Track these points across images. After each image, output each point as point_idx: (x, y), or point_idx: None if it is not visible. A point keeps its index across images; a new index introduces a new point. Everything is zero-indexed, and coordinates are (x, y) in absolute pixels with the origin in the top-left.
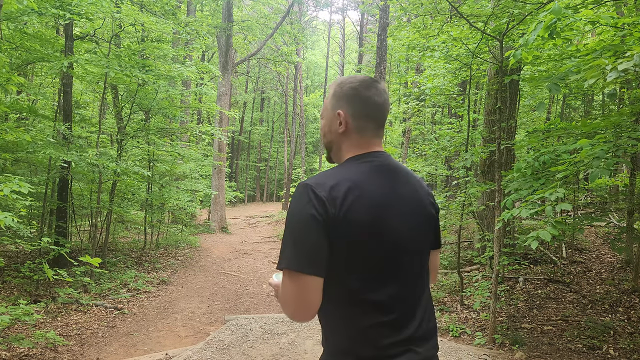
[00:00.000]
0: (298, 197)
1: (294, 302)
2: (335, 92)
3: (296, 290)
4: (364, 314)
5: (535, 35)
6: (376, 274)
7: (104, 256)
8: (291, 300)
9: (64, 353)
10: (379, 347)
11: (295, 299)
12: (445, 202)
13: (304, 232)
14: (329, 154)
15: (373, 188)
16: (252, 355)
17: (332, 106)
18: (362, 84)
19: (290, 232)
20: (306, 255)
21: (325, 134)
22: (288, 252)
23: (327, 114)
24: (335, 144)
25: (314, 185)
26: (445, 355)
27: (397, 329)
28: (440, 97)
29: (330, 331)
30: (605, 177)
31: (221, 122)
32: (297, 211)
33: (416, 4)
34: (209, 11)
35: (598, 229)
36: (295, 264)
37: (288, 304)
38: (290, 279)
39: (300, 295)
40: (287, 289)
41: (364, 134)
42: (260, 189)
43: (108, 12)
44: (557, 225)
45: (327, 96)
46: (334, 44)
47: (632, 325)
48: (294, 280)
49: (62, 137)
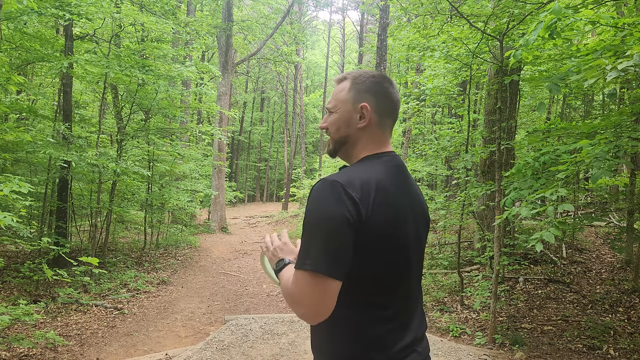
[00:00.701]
0: (327, 194)
1: (311, 304)
2: (355, 85)
3: (317, 293)
4: (380, 319)
5: (535, 35)
6: (392, 278)
7: (104, 256)
8: (308, 302)
9: (64, 353)
10: (394, 352)
11: (313, 302)
12: (445, 202)
13: (335, 233)
14: (338, 149)
15: (395, 190)
16: (252, 355)
17: (352, 99)
18: (384, 78)
19: (318, 232)
20: (335, 258)
21: (340, 128)
22: (315, 253)
23: (344, 107)
24: (351, 139)
25: (345, 185)
26: (445, 355)
27: (406, 332)
28: (440, 97)
29: (337, 337)
30: (606, 178)
31: (221, 122)
32: (327, 209)
33: (416, 4)
34: (209, 11)
35: (598, 229)
36: (324, 267)
37: (303, 304)
38: (314, 281)
39: (319, 299)
40: (306, 291)
41: (385, 131)
42: (260, 189)
43: (108, 13)
44: (560, 225)
45: (341, 89)
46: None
47: (632, 325)
48: (317, 283)
49: (62, 137)
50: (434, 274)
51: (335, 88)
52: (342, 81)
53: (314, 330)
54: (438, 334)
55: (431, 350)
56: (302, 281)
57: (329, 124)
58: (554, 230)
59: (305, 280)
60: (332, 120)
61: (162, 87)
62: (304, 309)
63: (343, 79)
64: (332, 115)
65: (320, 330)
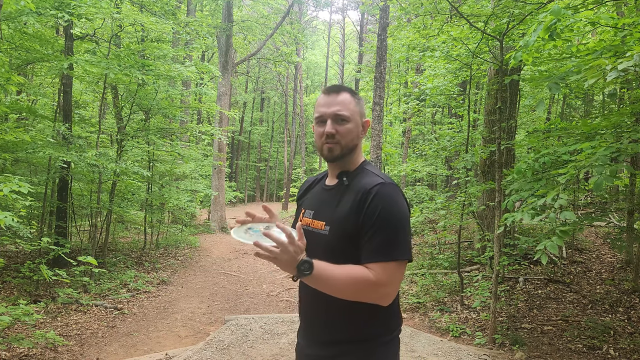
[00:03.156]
0: (399, 195)
1: (396, 286)
2: (358, 100)
3: (401, 276)
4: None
5: (535, 36)
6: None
7: (103, 256)
8: (396, 285)
9: (64, 353)
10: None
11: (397, 284)
12: (445, 202)
13: (409, 226)
14: (345, 155)
15: None
16: (252, 355)
17: (359, 113)
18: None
19: (401, 226)
20: (410, 246)
21: (353, 138)
22: (403, 245)
23: (356, 118)
24: (356, 147)
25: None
26: (445, 355)
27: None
28: (440, 97)
29: (384, 314)
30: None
31: (221, 122)
32: (404, 209)
33: (416, 4)
34: (209, 11)
35: (598, 229)
36: (409, 255)
37: (390, 288)
38: (402, 268)
39: (400, 281)
40: (397, 276)
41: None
42: (260, 189)
43: (107, 13)
44: (563, 235)
45: (348, 101)
46: (334, 44)
47: (632, 325)
48: (402, 268)
49: (61, 138)
50: (434, 274)
51: (337, 97)
52: (341, 92)
53: (351, 318)
54: (438, 333)
55: (431, 350)
56: (394, 269)
57: (345, 132)
58: (556, 240)
59: (397, 268)
60: (347, 129)
61: (162, 87)
62: (391, 291)
63: (341, 90)
64: (346, 125)
65: (359, 314)
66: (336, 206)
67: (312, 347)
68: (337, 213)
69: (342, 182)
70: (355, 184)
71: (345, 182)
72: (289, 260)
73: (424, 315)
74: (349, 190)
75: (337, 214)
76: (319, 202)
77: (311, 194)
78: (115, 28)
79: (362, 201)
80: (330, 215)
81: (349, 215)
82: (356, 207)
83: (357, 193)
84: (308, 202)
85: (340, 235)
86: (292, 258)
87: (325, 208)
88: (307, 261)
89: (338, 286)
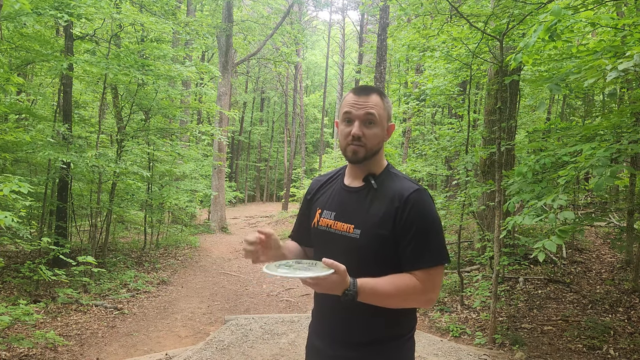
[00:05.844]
0: (432, 200)
1: (439, 289)
2: (386, 104)
3: (442, 280)
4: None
5: (535, 37)
6: None
7: (103, 256)
8: (439, 288)
9: (64, 353)
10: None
11: (440, 287)
12: (445, 202)
13: (443, 231)
14: (369, 158)
15: None
16: (252, 355)
17: (387, 117)
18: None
19: (440, 232)
20: (447, 249)
21: (380, 142)
22: (443, 249)
23: (382, 122)
24: (381, 150)
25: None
26: (445, 355)
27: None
28: (440, 97)
29: (406, 314)
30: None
31: (221, 122)
32: (436, 213)
33: (416, 4)
34: (209, 11)
35: (598, 229)
36: (447, 258)
37: (435, 292)
38: (442, 271)
39: (441, 284)
40: (440, 280)
41: None
42: (260, 189)
43: (107, 13)
44: (562, 235)
45: (376, 103)
46: (334, 44)
47: (632, 325)
48: (443, 272)
49: (61, 138)
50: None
51: (368, 99)
52: (372, 94)
53: (380, 319)
54: (438, 333)
55: (431, 350)
56: (438, 274)
57: (372, 136)
58: (555, 239)
59: (439, 272)
60: (374, 133)
61: (162, 87)
62: (435, 296)
63: (371, 92)
64: (374, 128)
65: (391, 316)
66: (367, 210)
67: (337, 349)
68: (370, 217)
69: (369, 185)
70: (387, 189)
71: (374, 185)
72: (333, 288)
73: (424, 315)
74: (379, 194)
75: (370, 218)
76: (341, 204)
77: (327, 193)
78: (115, 28)
79: (399, 208)
80: (361, 219)
81: (384, 221)
82: (394, 213)
83: (392, 198)
84: (324, 202)
85: (374, 239)
86: (338, 285)
87: (352, 211)
88: (351, 286)
89: (386, 300)
